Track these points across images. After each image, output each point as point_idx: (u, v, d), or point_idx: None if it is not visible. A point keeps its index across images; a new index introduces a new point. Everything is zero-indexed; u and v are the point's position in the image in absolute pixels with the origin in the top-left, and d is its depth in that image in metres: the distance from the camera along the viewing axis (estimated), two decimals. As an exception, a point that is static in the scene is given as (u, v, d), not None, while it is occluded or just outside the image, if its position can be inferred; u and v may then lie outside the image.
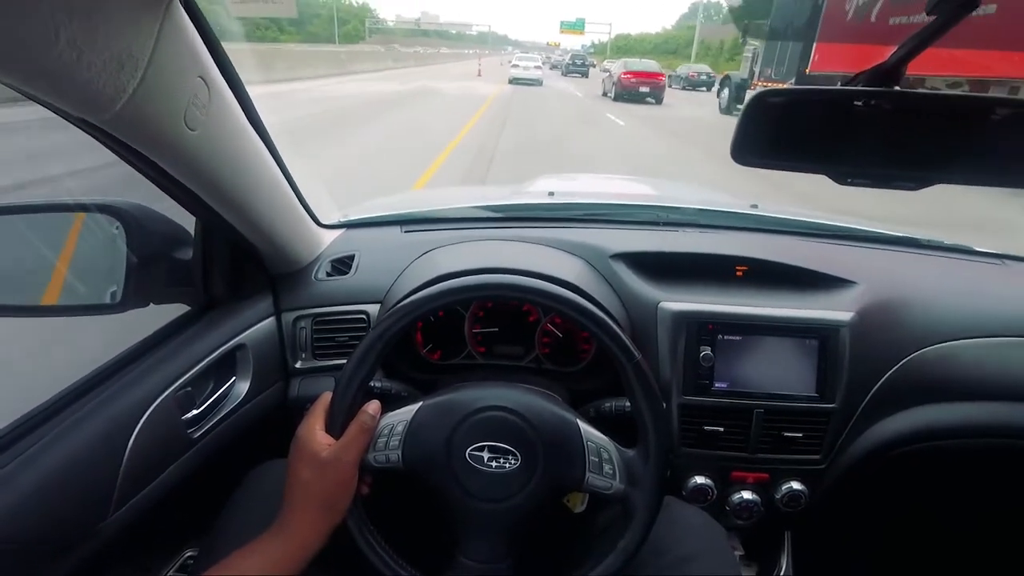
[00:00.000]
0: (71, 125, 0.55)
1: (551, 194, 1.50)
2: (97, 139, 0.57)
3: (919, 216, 4.15)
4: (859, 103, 0.60)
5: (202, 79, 0.61)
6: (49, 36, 0.40)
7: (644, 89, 18.11)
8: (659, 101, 18.47)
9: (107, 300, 0.79)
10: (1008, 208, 5.96)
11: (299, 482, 0.66)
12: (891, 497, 1.26)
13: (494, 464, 0.67)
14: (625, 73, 18.26)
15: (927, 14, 0.53)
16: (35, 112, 0.55)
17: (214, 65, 0.64)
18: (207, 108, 0.63)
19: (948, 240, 1.30)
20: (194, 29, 0.59)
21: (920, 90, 0.61)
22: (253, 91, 0.76)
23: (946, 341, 1.03)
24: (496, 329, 1.06)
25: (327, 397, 0.71)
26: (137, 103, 0.51)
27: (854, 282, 1.07)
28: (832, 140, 0.64)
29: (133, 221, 0.78)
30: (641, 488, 0.68)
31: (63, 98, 0.47)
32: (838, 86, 0.62)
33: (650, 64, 19.53)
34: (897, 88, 0.60)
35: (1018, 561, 1.28)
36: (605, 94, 20.23)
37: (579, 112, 14.90)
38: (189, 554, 1.00)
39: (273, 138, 0.84)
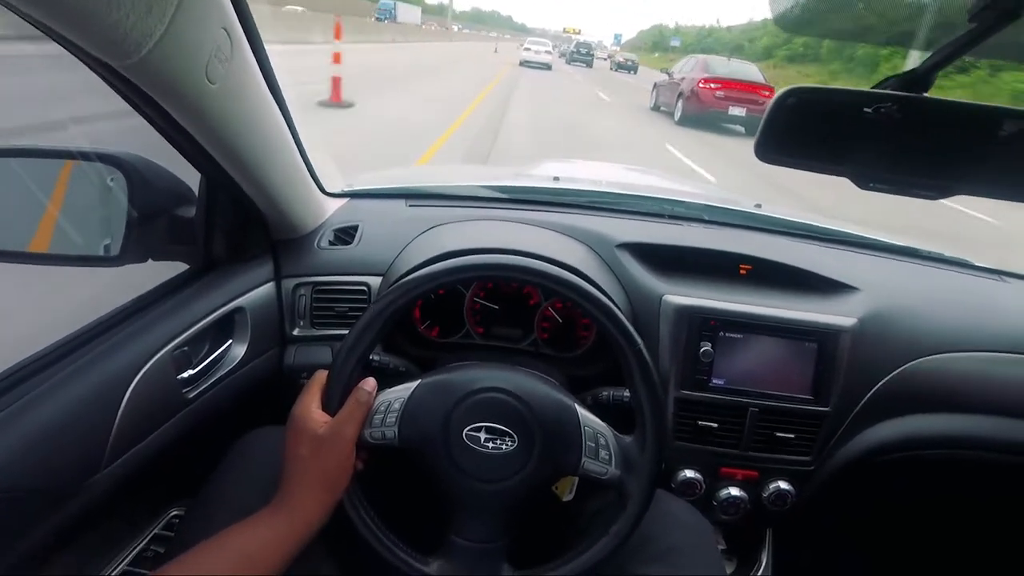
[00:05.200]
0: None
1: (556, 179, 1.49)
2: (114, 86, 0.56)
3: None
4: (887, 108, 0.60)
5: (226, 31, 0.60)
6: None
7: (737, 111, 10.38)
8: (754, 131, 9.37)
9: (101, 252, 0.78)
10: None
11: (298, 459, 0.65)
12: (876, 502, 1.28)
13: (491, 445, 0.67)
14: (706, 82, 10.65)
15: (968, 21, 0.53)
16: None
17: (237, 18, 0.63)
18: (228, 62, 0.61)
19: (949, 253, 1.31)
20: None
21: (948, 98, 0.61)
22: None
23: (941, 353, 1.04)
24: (497, 308, 1.05)
25: (322, 375, 0.70)
26: (162, 50, 0.50)
27: (856, 288, 1.07)
28: (856, 143, 0.63)
29: (136, 174, 0.76)
30: (636, 474, 0.69)
31: (90, 39, 0.45)
32: (867, 89, 0.61)
33: (748, 71, 11.74)
34: (926, 95, 0.59)
35: (996, 571, 1.31)
36: (657, 109, 12.97)
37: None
38: (175, 513, 0.99)
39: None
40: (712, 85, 10.63)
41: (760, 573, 1.17)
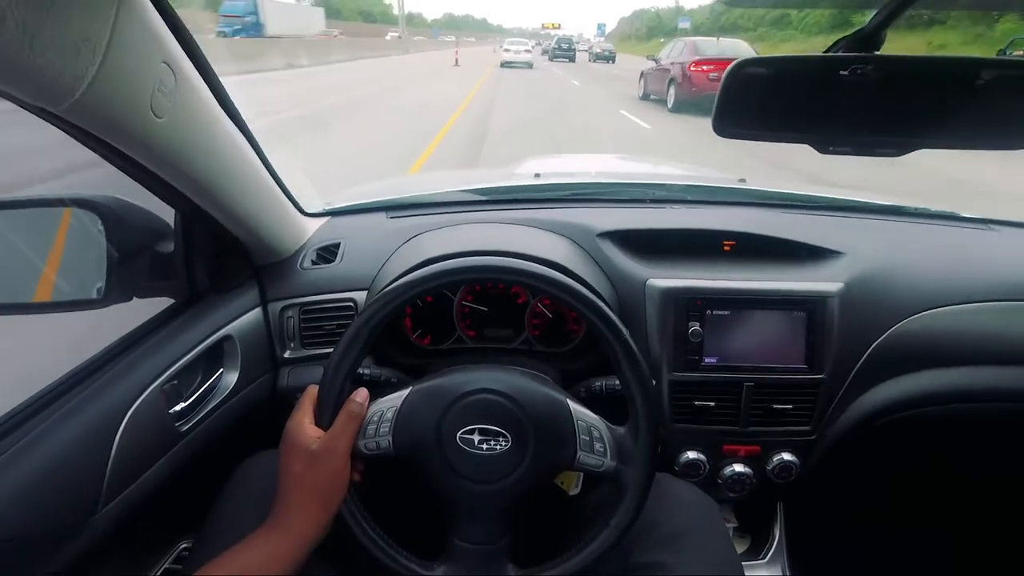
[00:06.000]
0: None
1: (537, 175, 1.49)
2: (62, 129, 0.56)
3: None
4: (841, 71, 0.60)
5: (167, 64, 0.60)
6: None
7: (732, 93, 8.72)
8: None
9: (93, 295, 0.79)
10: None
11: (292, 476, 0.66)
12: (882, 464, 1.27)
13: (485, 446, 0.67)
14: (698, 64, 10.29)
15: None
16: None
17: (180, 50, 0.63)
18: (174, 94, 0.61)
19: (935, 207, 1.30)
20: (156, 13, 0.57)
21: (900, 54, 0.61)
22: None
23: (933, 308, 1.04)
24: (485, 309, 1.05)
25: (314, 390, 0.70)
26: (98, 90, 0.50)
27: (841, 252, 1.07)
28: (813, 109, 0.64)
29: (111, 215, 0.77)
30: (632, 465, 0.69)
31: (18, 86, 0.45)
32: (819, 54, 0.61)
33: (739, 49, 11.42)
34: (877, 53, 0.59)
35: (1005, 525, 1.31)
36: (647, 97, 12.63)
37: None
38: (184, 546, 1.00)
39: (249, 126, 0.82)
40: (704, 67, 10.11)
41: (774, 547, 1.17)
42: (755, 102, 0.64)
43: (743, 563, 0.79)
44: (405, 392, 0.71)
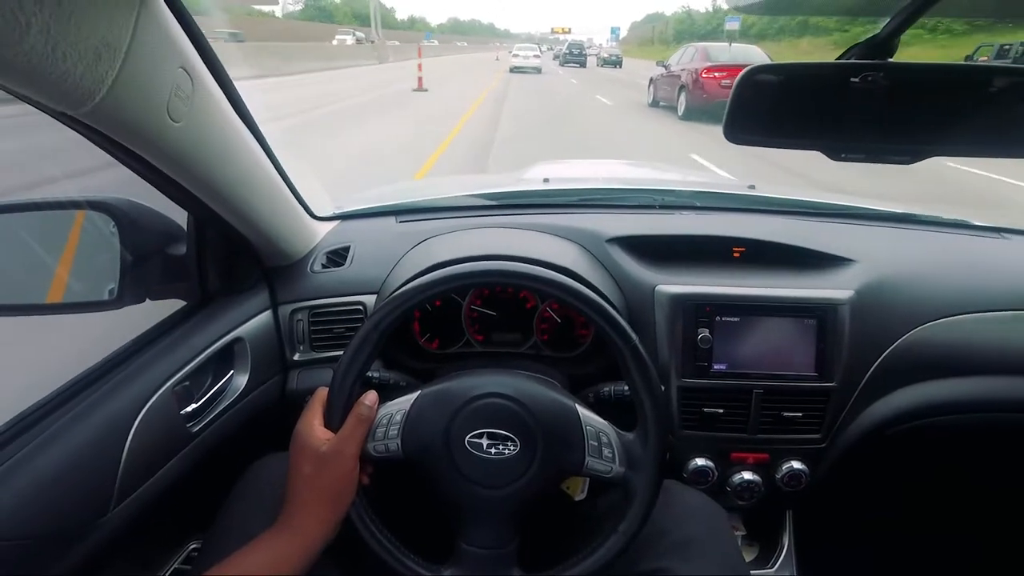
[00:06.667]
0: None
1: (546, 180, 1.49)
2: (80, 132, 0.57)
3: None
4: (853, 78, 0.60)
5: (184, 70, 0.60)
6: (20, 27, 0.39)
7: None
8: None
9: (106, 297, 0.79)
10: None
11: (301, 478, 0.66)
12: (893, 473, 1.26)
13: (493, 451, 0.67)
14: (709, 71, 10.05)
15: None
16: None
17: (197, 56, 0.63)
18: (191, 99, 0.62)
19: (947, 216, 1.29)
20: (174, 19, 0.58)
21: (912, 62, 0.61)
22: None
23: (945, 317, 1.03)
24: (494, 314, 1.06)
25: (323, 392, 0.71)
26: (117, 95, 0.50)
27: (852, 260, 1.06)
28: (825, 115, 0.64)
29: (125, 217, 0.78)
30: (641, 471, 0.69)
31: (40, 91, 0.46)
32: (831, 61, 0.61)
33: (752, 55, 11.16)
34: (890, 60, 0.59)
35: (1017, 535, 1.29)
36: (656, 104, 12.49)
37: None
38: (193, 546, 1.01)
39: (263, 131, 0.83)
40: (716, 74, 9.89)
41: (783, 556, 1.16)
42: (767, 109, 0.64)
43: (751, 571, 0.79)
44: (414, 396, 0.71)
